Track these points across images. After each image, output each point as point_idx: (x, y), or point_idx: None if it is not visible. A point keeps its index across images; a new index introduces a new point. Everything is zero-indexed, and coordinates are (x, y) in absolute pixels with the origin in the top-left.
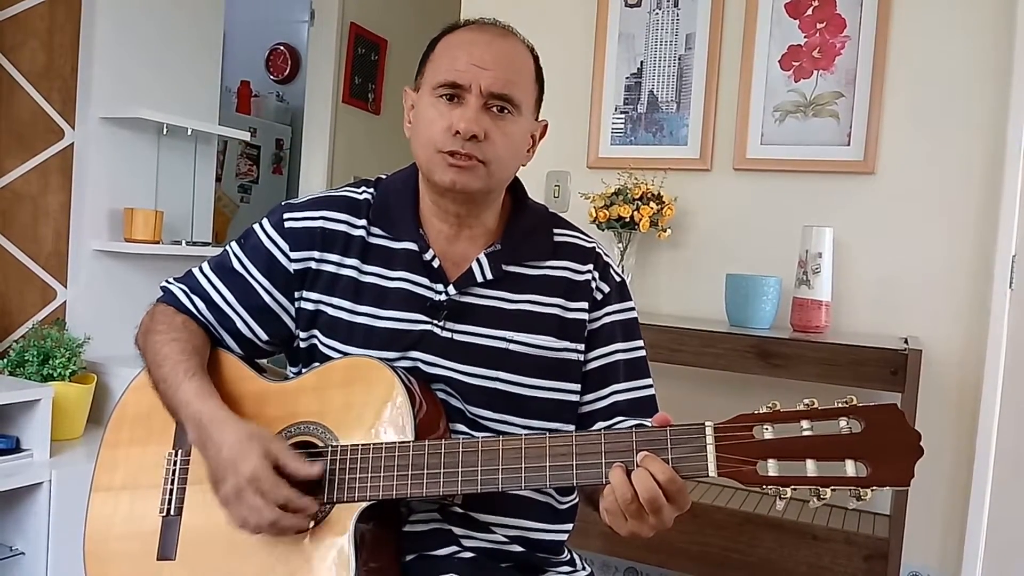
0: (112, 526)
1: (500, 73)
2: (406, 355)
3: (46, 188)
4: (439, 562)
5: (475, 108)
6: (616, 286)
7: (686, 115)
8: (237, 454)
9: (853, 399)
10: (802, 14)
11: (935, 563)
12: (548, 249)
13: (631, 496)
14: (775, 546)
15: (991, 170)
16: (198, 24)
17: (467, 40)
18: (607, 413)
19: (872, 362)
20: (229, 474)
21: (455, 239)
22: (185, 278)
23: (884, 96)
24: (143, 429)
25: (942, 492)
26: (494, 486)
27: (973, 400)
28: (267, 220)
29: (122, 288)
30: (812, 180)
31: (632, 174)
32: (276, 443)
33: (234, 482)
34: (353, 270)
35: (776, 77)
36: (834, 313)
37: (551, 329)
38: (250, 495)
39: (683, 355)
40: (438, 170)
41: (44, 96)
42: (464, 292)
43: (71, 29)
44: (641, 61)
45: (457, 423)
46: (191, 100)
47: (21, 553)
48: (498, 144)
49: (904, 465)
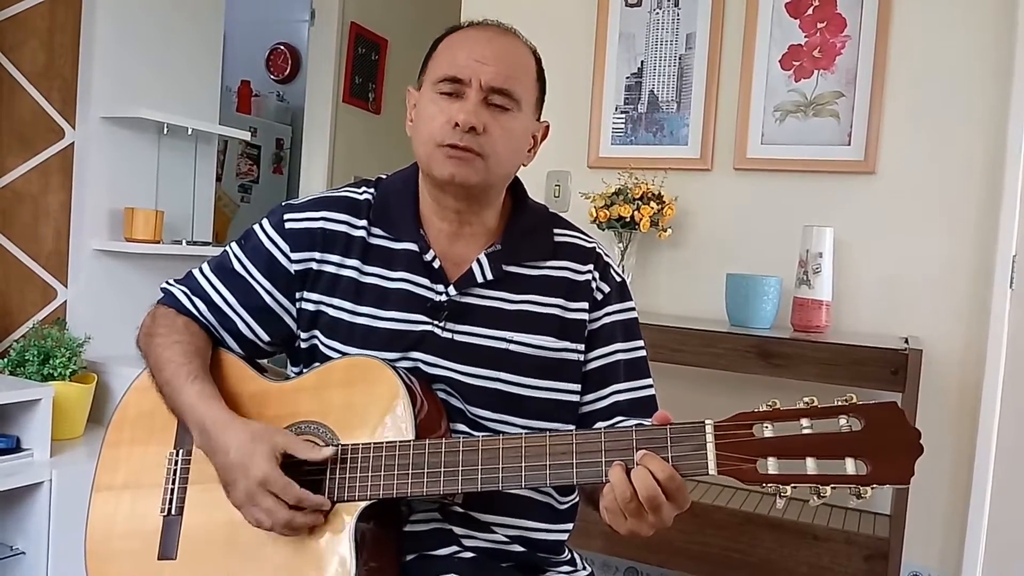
0: (113, 526)
1: (500, 68)
2: (407, 355)
3: (46, 188)
4: (439, 562)
5: (475, 102)
6: (616, 286)
7: (686, 115)
8: (245, 457)
9: (853, 397)
10: (802, 14)
11: (935, 563)
12: (548, 249)
13: (630, 494)
14: (775, 546)
15: (992, 170)
16: (198, 24)
17: (468, 37)
18: (607, 413)
19: (872, 362)
20: (240, 478)
21: (456, 239)
22: (186, 280)
23: (884, 96)
24: (145, 429)
25: (942, 492)
26: (494, 485)
27: (973, 400)
28: (267, 221)
29: (122, 288)
30: (812, 180)
31: (632, 174)
32: (282, 436)
33: (245, 486)
34: (354, 271)
35: (776, 77)
36: (834, 313)
37: (551, 329)
38: (262, 498)
39: (683, 355)
40: (437, 164)
41: (44, 96)
42: (464, 293)
43: (71, 29)
44: (641, 61)
45: (458, 423)
46: (191, 100)
47: (21, 553)
48: (497, 138)
49: (904, 463)
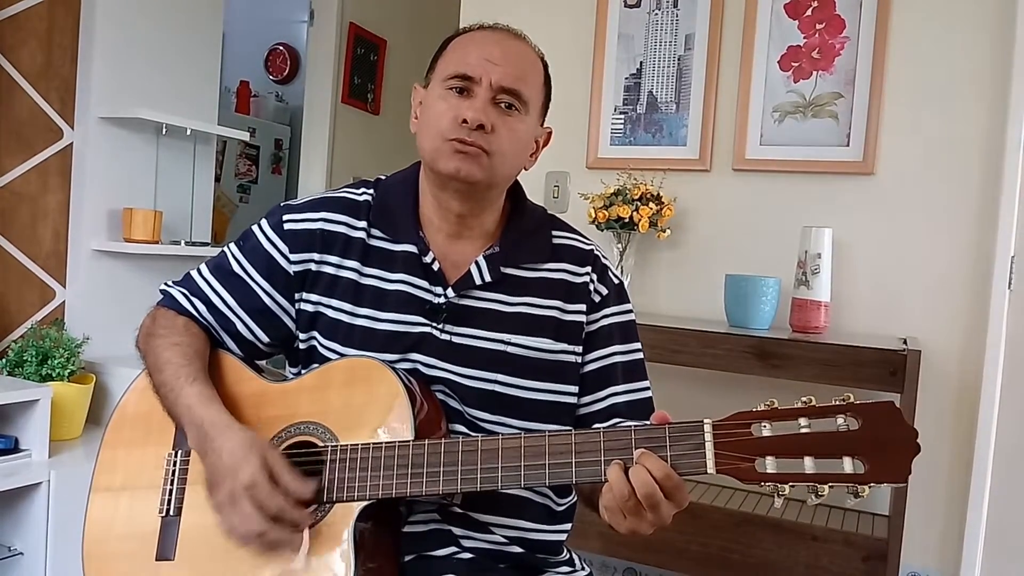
0: (111, 526)
1: (510, 69)
2: (406, 357)
3: (45, 188)
4: (438, 562)
5: (484, 100)
6: (614, 288)
7: (685, 115)
8: (237, 461)
9: (850, 397)
10: (801, 15)
11: (934, 564)
12: (546, 251)
13: (628, 493)
14: (774, 547)
15: (990, 171)
16: (197, 24)
17: (479, 38)
18: (605, 415)
19: (871, 363)
20: (227, 480)
21: (455, 240)
22: (184, 281)
23: (883, 97)
24: (143, 430)
25: (941, 493)
26: (493, 484)
27: (972, 401)
28: (266, 221)
29: (121, 288)
30: (811, 181)
31: (631, 174)
32: (275, 455)
33: (230, 488)
34: (353, 272)
35: (775, 78)
36: (833, 314)
37: (548, 331)
38: (244, 503)
39: (682, 356)
40: (443, 158)
41: (43, 96)
42: (463, 295)
43: (70, 29)
44: (640, 62)
45: (456, 424)
46: (190, 100)
47: (20, 553)
48: (503, 138)
49: (901, 461)
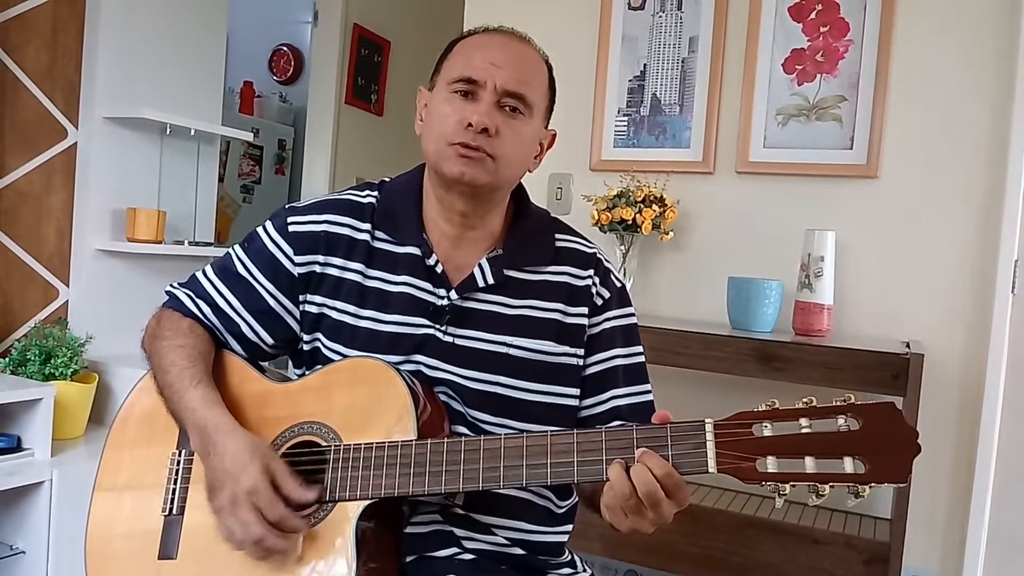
0: (114, 525)
1: (514, 72)
2: (409, 359)
3: (49, 187)
4: (440, 563)
5: (488, 103)
6: (616, 292)
7: (689, 118)
8: (239, 465)
9: (851, 397)
10: (805, 18)
11: (936, 567)
12: (549, 254)
13: (630, 491)
14: (776, 549)
15: (994, 174)
16: (201, 24)
17: (484, 41)
18: (606, 418)
19: (874, 366)
20: (228, 484)
21: (459, 243)
22: (189, 283)
23: (887, 100)
24: (147, 430)
25: (943, 496)
26: (496, 483)
27: (975, 404)
28: (271, 224)
29: (124, 288)
30: (815, 183)
31: (635, 177)
32: (277, 461)
33: (231, 492)
34: (357, 274)
35: (779, 80)
36: (836, 317)
37: (550, 334)
38: (244, 508)
39: (685, 358)
40: (447, 161)
41: (48, 96)
42: (466, 297)
43: (75, 29)
44: (644, 64)
45: (458, 426)
46: (194, 100)
47: (22, 552)
48: (508, 141)
49: (901, 462)
